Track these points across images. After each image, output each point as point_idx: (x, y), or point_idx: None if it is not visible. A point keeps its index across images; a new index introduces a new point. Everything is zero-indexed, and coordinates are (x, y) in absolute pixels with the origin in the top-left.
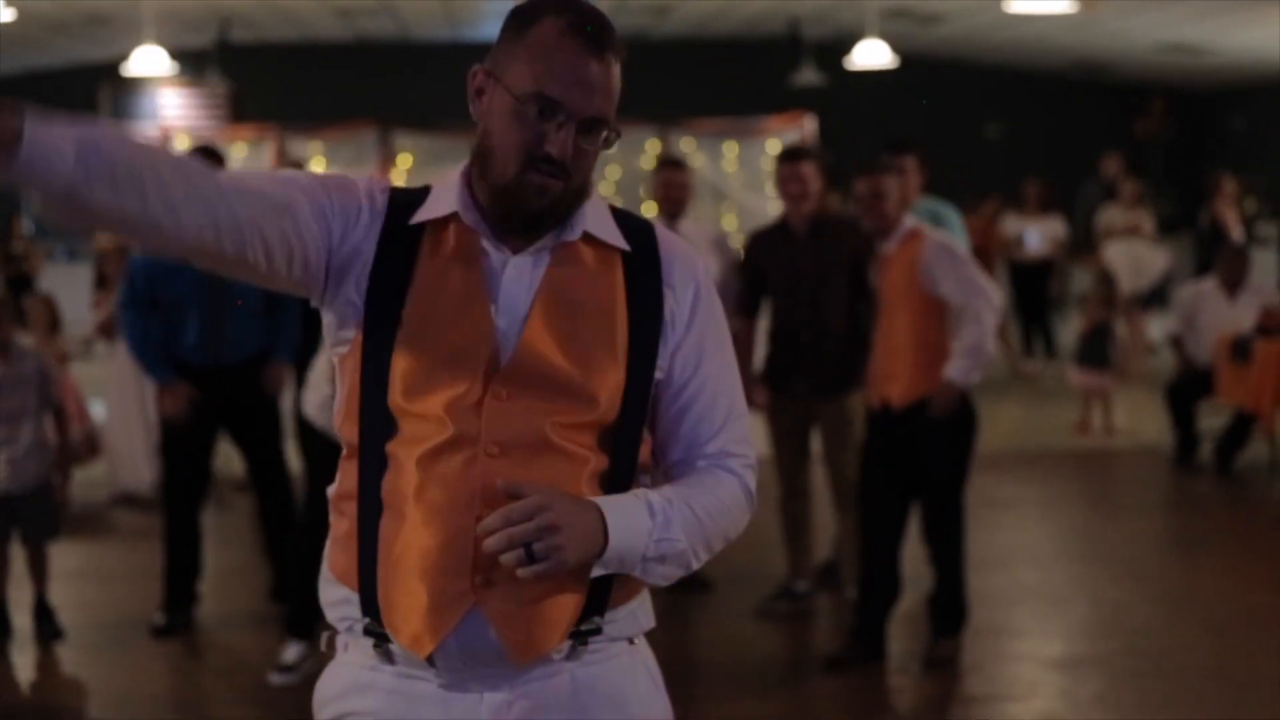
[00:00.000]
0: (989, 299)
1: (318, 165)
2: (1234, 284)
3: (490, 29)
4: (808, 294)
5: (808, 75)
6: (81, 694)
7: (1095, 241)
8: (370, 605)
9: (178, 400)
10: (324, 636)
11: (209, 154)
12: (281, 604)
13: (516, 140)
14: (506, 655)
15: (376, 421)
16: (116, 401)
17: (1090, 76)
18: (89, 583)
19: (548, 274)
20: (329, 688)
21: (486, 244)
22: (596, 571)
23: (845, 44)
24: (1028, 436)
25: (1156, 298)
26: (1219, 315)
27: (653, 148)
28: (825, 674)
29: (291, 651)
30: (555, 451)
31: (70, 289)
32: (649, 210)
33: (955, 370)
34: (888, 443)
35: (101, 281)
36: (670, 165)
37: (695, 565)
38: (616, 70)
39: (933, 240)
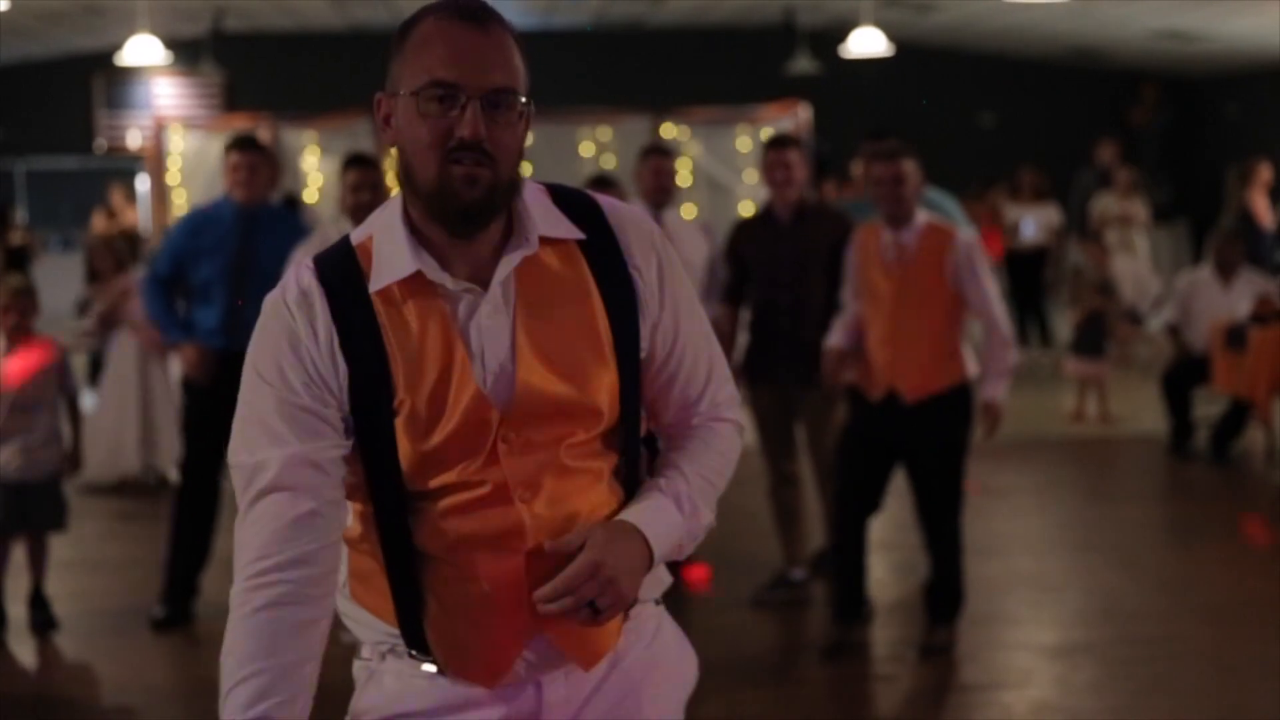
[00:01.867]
0: (1003, 309)
1: (312, 155)
2: (1228, 270)
3: None
4: (788, 281)
5: (802, 63)
6: (77, 684)
7: (1090, 229)
8: (417, 641)
9: (193, 357)
10: (358, 664)
11: (250, 144)
12: None
13: (426, 137)
14: (575, 665)
15: (393, 502)
16: (113, 389)
17: (1085, 64)
18: (82, 572)
19: (520, 299)
20: (372, 697)
21: (449, 289)
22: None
23: (840, 32)
24: (1023, 424)
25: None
26: (1214, 303)
27: (664, 133)
28: (822, 663)
29: None
30: (576, 474)
31: (61, 279)
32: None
33: (997, 390)
34: (882, 432)
35: (93, 275)
36: (658, 152)
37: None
38: (509, 42)
39: (964, 241)
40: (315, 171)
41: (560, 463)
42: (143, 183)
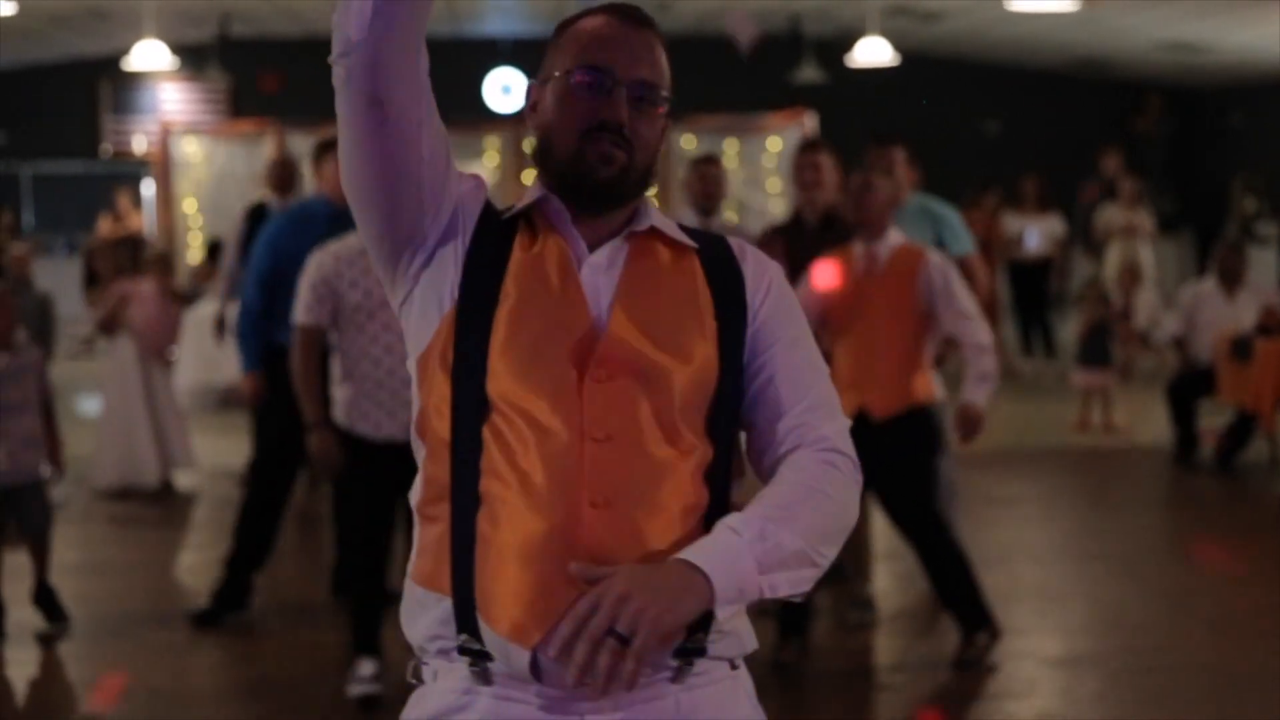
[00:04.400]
0: (981, 322)
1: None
2: (1231, 281)
3: (492, 25)
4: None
5: (808, 72)
6: (79, 688)
7: (1095, 240)
8: (465, 614)
9: (256, 388)
10: (410, 666)
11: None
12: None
13: (572, 115)
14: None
15: (471, 410)
16: (117, 395)
17: (1090, 74)
18: (87, 576)
19: (626, 265)
20: (415, 711)
21: (567, 236)
22: (726, 611)
23: (846, 41)
24: (1028, 434)
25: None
26: (1219, 314)
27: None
28: (820, 673)
29: (368, 666)
30: (659, 442)
31: (64, 284)
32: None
33: (977, 395)
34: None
35: (92, 279)
36: (707, 161)
37: (822, 559)
38: (660, 46)
39: (935, 261)
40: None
41: (645, 422)
42: (148, 188)
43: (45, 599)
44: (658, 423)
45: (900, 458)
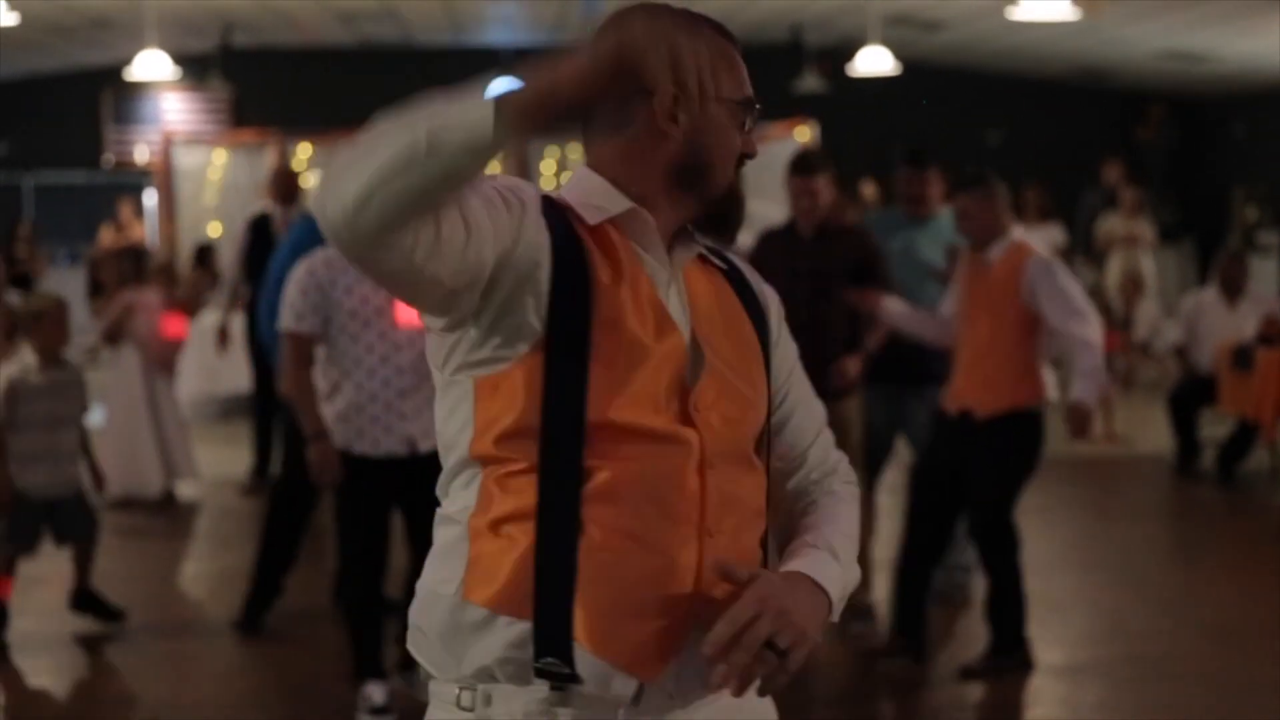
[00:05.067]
0: (1090, 319)
1: (320, 173)
2: (1232, 290)
3: (492, 34)
4: (805, 296)
5: (810, 82)
6: (79, 699)
7: (1097, 249)
8: (554, 638)
9: None
10: (458, 693)
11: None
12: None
13: (732, 144)
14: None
15: (567, 436)
16: (121, 406)
17: (1092, 83)
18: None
19: (689, 285)
20: None
21: (659, 258)
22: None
23: (847, 50)
24: None
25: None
26: (1220, 324)
27: None
28: (822, 685)
29: (379, 693)
30: (753, 466)
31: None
32: None
33: (1084, 392)
34: (956, 451)
35: (96, 288)
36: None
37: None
38: None
39: (1038, 257)
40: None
41: (744, 446)
42: (150, 198)
43: (90, 602)
44: (750, 447)
45: (994, 460)
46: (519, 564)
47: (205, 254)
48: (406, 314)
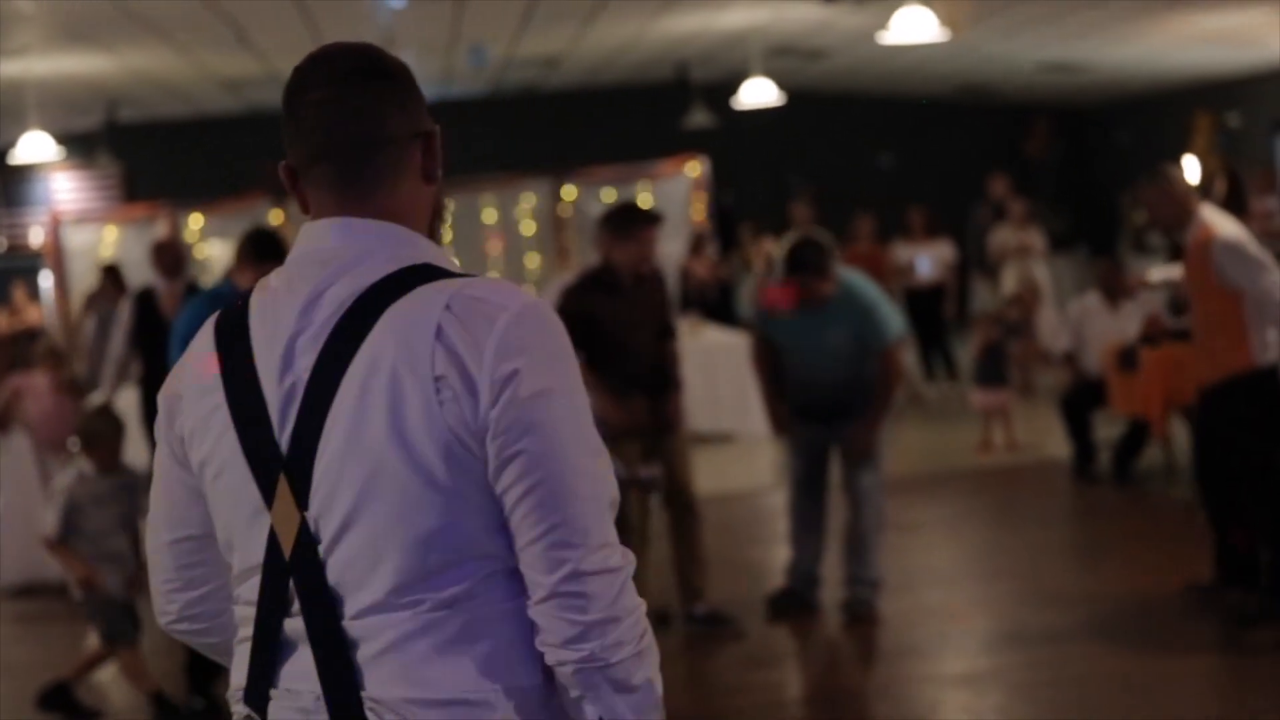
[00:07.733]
0: (1273, 276)
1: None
2: (1113, 295)
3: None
4: (648, 339)
5: (698, 117)
6: None
7: (991, 262)
8: None
9: None
10: None
11: (266, 239)
12: None
13: None
14: None
15: None
16: (16, 491)
17: (976, 100)
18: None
19: None
20: None
21: None
22: None
23: (733, 84)
24: (933, 459)
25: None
26: (1105, 327)
27: (566, 195)
28: (721, 713)
29: None
30: None
31: None
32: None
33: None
34: (1210, 421)
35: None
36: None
37: None
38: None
39: (1218, 238)
40: (216, 255)
41: None
42: (45, 279)
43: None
44: None
45: (1229, 424)
46: None
47: (113, 272)
48: None
